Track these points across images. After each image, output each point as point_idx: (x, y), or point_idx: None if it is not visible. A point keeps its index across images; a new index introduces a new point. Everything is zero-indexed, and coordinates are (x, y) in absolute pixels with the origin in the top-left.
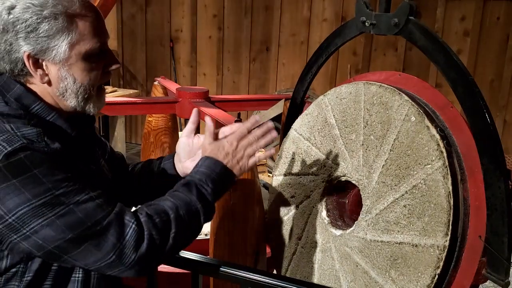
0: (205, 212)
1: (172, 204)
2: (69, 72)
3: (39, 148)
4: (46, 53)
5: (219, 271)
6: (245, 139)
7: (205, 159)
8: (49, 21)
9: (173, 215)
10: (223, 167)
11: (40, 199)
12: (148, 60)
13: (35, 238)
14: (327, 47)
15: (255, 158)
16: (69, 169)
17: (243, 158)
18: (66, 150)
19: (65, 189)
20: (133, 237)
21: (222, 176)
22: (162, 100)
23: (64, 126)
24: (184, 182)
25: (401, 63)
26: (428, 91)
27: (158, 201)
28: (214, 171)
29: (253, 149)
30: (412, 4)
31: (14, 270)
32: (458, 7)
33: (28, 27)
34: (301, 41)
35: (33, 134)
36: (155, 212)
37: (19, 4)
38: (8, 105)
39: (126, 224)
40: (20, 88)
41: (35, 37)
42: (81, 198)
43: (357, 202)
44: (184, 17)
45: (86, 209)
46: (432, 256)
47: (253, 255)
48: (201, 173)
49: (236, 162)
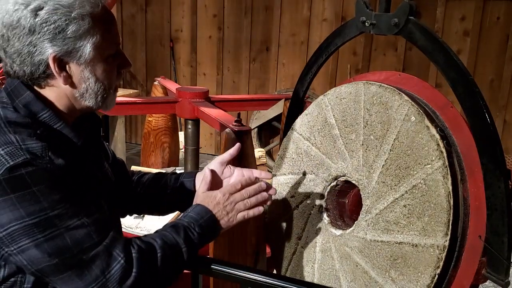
0: (189, 255)
1: (162, 243)
2: (91, 73)
3: (42, 165)
4: (71, 54)
5: (219, 271)
6: (238, 193)
7: (196, 206)
8: (78, 22)
9: (160, 255)
10: (212, 216)
11: (34, 218)
12: (148, 60)
13: (20, 257)
14: (327, 47)
15: (245, 213)
16: (70, 186)
17: (232, 211)
18: (71, 162)
19: (60, 211)
20: (119, 272)
21: (209, 224)
22: (162, 100)
23: (71, 135)
24: (172, 224)
25: (401, 63)
26: (428, 91)
27: (149, 238)
28: (202, 218)
29: (244, 205)
30: (412, 4)
31: (13, 279)
32: (458, 7)
33: (56, 29)
34: (301, 41)
35: (37, 148)
36: (147, 249)
37: (47, 6)
38: (16, 111)
39: (114, 257)
40: (30, 95)
41: (62, 38)
42: (74, 223)
43: (357, 202)
44: (184, 17)
45: (75, 236)
46: (432, 256)
47: (253, 255)
48: (190, 217)
49: (225, 214)
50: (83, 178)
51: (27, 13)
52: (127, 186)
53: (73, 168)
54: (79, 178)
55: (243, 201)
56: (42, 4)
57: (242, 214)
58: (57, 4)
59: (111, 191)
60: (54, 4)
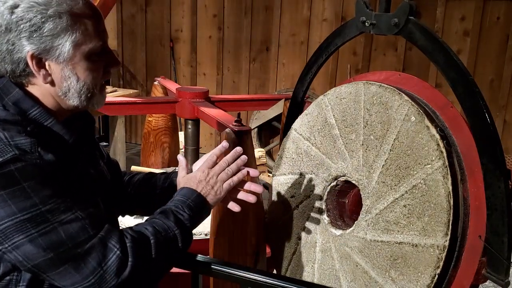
0: (183, 239)
1: (153, 230)
2: (72, 72)
3: (31, 160)
4: (49, 52)
5: (219, 271)
6: (217, 166)
7: (180, 190)
8: (54, 20)
9: (154, 241)
10: (198, 194)
11: (26, 214)
12: (148, 60)
13: (15, 254)
14: (327, 47)
15: (229, 181)
16: (61, 182)
17: (216, 183)
18: (62, 159)
19: (52, 205)
20: (116, 263)
21: (198, 203)
22: (162, 100)
23: (61, 132)
24: (160, 210)
25: (401, 63)
26: (428, 91)
27: (140, 227)
28: (189, 198)
29: (226, 174)
30: (412, 4)
31: (8, 278)
32: (458, 7)
33: (32, 27)
34: (301, 41)
35: (26, 144)
36: (140, 237)
37: (23, 3)
38: (6, 109)
39: (111, 249)
40: (19, 92)
41: (39, 36)
42: (67, 217)
43: (357, 202)
44: (184, 17)
45: (69, 230)
46: (432, 256)
47: (253, 255)
48: (177, 201)
49: (210, 188)
50: (75, 175)
51: (4, 10)
52: (120, 186)
53: (64, 165)
54: (70, 175)
55: (223, 171)
56: (18, 1)
57: (228, 183)
58: (32, 1)
59: (107, 189)
60: (30, 2)
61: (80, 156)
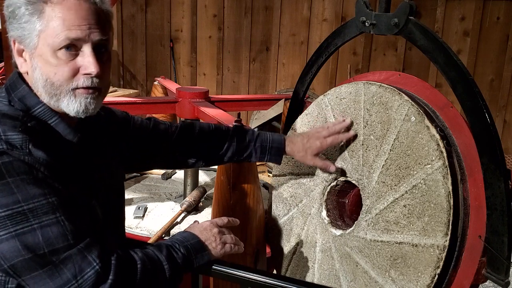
0: (171, 275)
1: (142, 257)
2: (37, 63)
3: (19, 156)
4: (22, 39)
5: (219, 271)
6: (226, 229)
7: (182, 232)
8: (26, 6)
9: (140, 267)
10: (198, 240)
11: (6, 210)
12: (148, 60)
13: None
14: (327, 47)
15: (231, 246)
16: (50, 182)
17: (220, 239)
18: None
19: (35, 205)
20: (92, 278)
21: (196, 248)
22: (162, 100)
23: (65, 132)
24: (155, 244)
25: (401, 63)
26: (428, 91)
27: (129, 251)
28: (188, 241)
29: (231, 238)
30: (412, 4)
31: None
32: (458, 7)
33: (12, 12)
34: (301, 41)
35: (17, 139)
36: (126, 259)
37: None
38: (11, 104)
39: (89, 263)
40: (25, 88)
41: (15, 22)
42: (48, 220)
43: (357, 202)
44: (184, 17)
45: (48, 234)
46: (432, 256)
47: (253, 255)
48: (175, 239)
49: (213, 239)
50: (72, 176)
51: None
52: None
53: (59, 165)
54: (65, 176)
55: (230, 235)
56: None
57: (229, 246)
58: None
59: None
60: None
61: (84, 156)
